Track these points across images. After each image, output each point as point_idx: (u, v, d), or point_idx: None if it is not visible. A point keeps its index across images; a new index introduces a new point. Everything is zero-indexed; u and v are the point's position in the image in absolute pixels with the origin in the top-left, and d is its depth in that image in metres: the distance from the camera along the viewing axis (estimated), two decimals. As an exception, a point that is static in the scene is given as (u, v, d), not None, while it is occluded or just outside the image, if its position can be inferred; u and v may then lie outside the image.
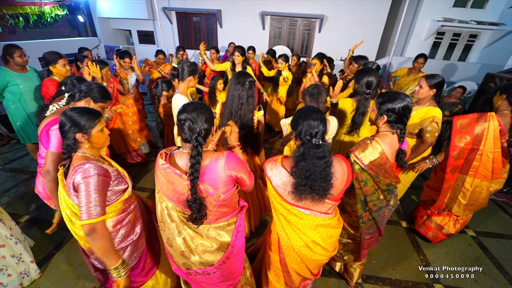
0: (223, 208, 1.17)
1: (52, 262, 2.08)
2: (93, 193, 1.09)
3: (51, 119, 1.50)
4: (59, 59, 2.49)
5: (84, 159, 1.16)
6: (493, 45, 5.73)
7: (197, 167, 1.03)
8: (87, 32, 8.33)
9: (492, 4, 5.46)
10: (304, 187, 1.12)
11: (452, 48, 6.19)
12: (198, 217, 1.08)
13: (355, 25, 6.20)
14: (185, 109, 1.08)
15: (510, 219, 2.81)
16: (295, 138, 1.23)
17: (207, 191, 1.09)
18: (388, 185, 1.44)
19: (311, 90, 1.86)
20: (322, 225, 1.26)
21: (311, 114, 1.17)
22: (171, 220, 1.17)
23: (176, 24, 7.24)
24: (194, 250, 1.19)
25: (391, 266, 2.18)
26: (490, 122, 1.86)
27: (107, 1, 7.17)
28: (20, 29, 6.81)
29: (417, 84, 2.10)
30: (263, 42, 6.89)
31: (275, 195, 1.24)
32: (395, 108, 1.35)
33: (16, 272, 1.82)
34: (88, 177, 1.09)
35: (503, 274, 2.15)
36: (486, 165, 1.92)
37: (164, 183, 1.12)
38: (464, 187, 2.05)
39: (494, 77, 3.32)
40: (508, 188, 3.18)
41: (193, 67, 2.10)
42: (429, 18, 5.73)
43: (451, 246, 2.40)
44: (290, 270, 1.39)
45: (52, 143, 1.46)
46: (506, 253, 2.36)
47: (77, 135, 1.17)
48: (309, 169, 1.10)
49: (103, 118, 1.28)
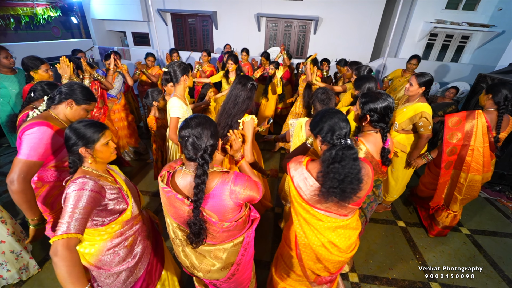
0: (227, 233, 1.10)
1: (46, 266, 2.04)
2: (79, 209, 0.96)
3: (25, 125, 1.32)
4: (41, 64, 2.28)
5: (83, 173, 1.09)
6: (485, 46, 5.85)
7: (202, 188, 0.94)
8: (80, 34, 8.25)
9: (483, 7, 5.58)
10: (335, 190, 1.04)
11: (445, 49, 6.30)
12: (196, 240, 1.01)
13: (349, 27, 6.27)
14: (188, 124, 0.99)
15: (503, 217, 2.85)
16: (321, 142, 1.16)
17: (210, 219, 1.02)
18: (376, 181, 1.51)
19: (320, 96, 1.83)
20: (341, 227, 1.22)
21: (337, 114, 1.13)
22: (175, 236, 1.15)
23: (171, 26, 7.22)
24: (198, 268, 1.16)
25: (388, 265, 2.19)
26: (478, 119, 1.99)
27: (101, 2, 7.12)
28: (11, 31, 6.71)
29: (408, 82, 2.20)
30: (259, 44, 6.91)
31: (296, 196, 1.19)
32: (377, 108, 1.39)
33: (15, 268, 1.86)
34: (80, 189, 0.99)
35: (497, 271, 2.18)
36: (478, 160, 2.03)
37: (167, 204, 1.08)
38: (459, 183, 2.15)
39: (486, 77, 3.38)
40: (501, 186, 3.24)
41: (183, 66, 2.05)
42: (422, 20, 5.82)
43: (447, 245, 2.43)
44: (306, 266, 1.36)
45: (23, 150, 1.26)
46: (499, 250, 2.39)
47: (80, 150, 1.09)
48: (344, 172, 1.03)
49: (108, 131, 1.18)
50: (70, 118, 1.46)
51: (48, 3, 6.98)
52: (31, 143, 1.27)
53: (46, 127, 1.31)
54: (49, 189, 1.45)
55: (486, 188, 3.27)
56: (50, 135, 1.32)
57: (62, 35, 8.25)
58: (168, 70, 2.03)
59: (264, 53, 4.71)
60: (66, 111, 1.44)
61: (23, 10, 6.55)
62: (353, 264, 2.17)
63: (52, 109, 1.44)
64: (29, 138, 1.28)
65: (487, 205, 3.04)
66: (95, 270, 1.18)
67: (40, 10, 6.90)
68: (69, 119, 1.46)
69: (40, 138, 1.29)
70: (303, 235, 1.26)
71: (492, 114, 2.00)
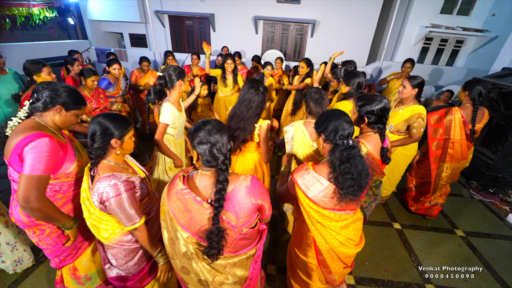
0: (244, 241, 1.09)
1: (39, 269, 2.01)
2: (127, 207, 1.13)
3: (20, 139, 1.17)
4: (43, 67, 2.23)
5: (110, 170, 1.16)
6: (479, 51, 5.94)
7: (223, 194, 0.96)
8: (77, 34, 8.22)
9: (477, 12, 5.68)
10: (353, 188, 1.07)
11: (440, 53, 6.38)
12: (215, 252, 0.97)
13: (346, 30, 6.32)
14: (205, 131, 0.99)
15: (497, 219, 2.88)
16: (324, 141, 1.22)
17: (229, 223, 1.00)
18: (375, 181, 1.56)
19: (314, 95, 1.82)
20: (352, 221, 1.27)
21: (342, 116, 1.19)
22: (186, 250, 1.06)
23: (168, 28, 7.22)
24: (211, 283, 1.11)
25: (384, 267, 2.20)
26: (455, 115, 2.25)
27: (98, 3, 7.09)
28: (7, 31, 6.66)
29: (401, 85, 2.30)
30: (256, 46, 6.94)
31: (311, 204, 1.17)
32: (374, 110, 1.43)
33: (10, 260, 1.89)
34: (118, 195, 1.11)
35: (491, 272, 2.20)
36: (458, 150, 2.32)
37: (181, 210, 1.02)
38: (444, 172, 2.42)
39: (480, 81, 3.43)
40: (495, 188, 3.28)
41: (179, 70, 1.97)
42: (418, 24, 5.90)
43: (441, 247, 2.45)
44: (333, 271, 1.36)
45: (28, 165, 1.15)
46: (493, 252, 2.42)
47: (112, 141, 1.17)
48: (357, 170, 1.07)
49: (132, 125, 1.28)
50: (60, 125, 1.35)
51: (44, 4, 6.94)
52: (34, 157, 1.16)
53: (48, 138, 1.20)
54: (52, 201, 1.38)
55: (480, 191, 3.31)
56: (53, 146, 1.22)
57: (58, 35, 8.20)
58: (163, 75, 1.96)
59: (255, 57, 4.73)
60: (55, 118, 1.31)
61: (18, 10, 6.51)
62: None
63: (38, 116, 1.29)
64: (33, 152, 1.16)
65: (481, 207, 3.08)
66: (117, 246, 1.27)
67: (36, 10, 6.86)
68: (59, 126, 1.35)
69: (43, 150, 1.18)
70: (323, 241, 1.26)
71: (468, 109, 2.25)
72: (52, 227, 1.40)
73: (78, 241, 1.52)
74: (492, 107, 3.18)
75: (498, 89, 3.12)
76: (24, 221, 1.34)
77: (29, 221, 1.34)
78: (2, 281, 1.91)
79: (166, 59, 4.22)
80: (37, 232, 1.39)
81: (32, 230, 1.39)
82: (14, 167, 1.22)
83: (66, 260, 1.52)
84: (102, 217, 1.21)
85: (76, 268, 1.58)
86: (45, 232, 1.40)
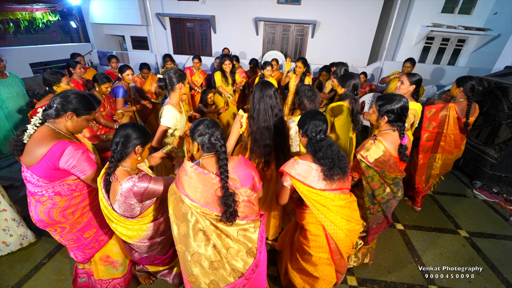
0: (248, 206, 1.26)
1: (42, 271, 2.02)
2: (161, 187, 1.33)
3: (46, 150, 1.26)
4: (62, 77, 2.31)
5: (128, 175, 1.29)
6: (481, 50, 5.90)
7: (225, 166, 1.19)
8: (79, 38, 8.29)
9: (479, 10, 5.65)
10: (333, 168, 1.30)
11: (441, 53, 6.35)
12: (232, 212, 1.15)
13: (347, 30, 6.32)
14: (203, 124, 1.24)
15: (501, 219, 2.85)
16: (302, 136, 1.44)
17: (236, 186, 1.21)
18: (394, 178, 1.60)
19: (308, 93, 1.91)
20: (349, 202, 1.43)
21: (316, 115, 1.39)
22: (199, 229, 1.19)
23: (170, 30, 7.26)
24: (226, 256, 1.21)
25: (386, 268, 2.18)
26: (450, 111, 2.36)
27: (100, 7, 7.16)
28: (11, 35, 6.74)
29: (399, 81, 2.33)
30: (257, 48, 6.95)
31: (309, 189, 1.35)
32: (394, 109, 1.51)
33: (16, 234, 2.10)
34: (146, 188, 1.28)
35: (496, 274, 2.17)
36: (450, 143, 2.45)
37: (191, 186, 1.18)
38: (436, 162, 2.56)
39: (482, 80, 3.40)
40: (498, 188, 3.24)
41: (179, 73, 1.96)
42: (419, 23, 5.88)
43: (445, 247, 2.42)
44: (344, 254, 1.48)
45: (80, 171, 1.35)
46: (498, 253, 2.39)
47: (137, 147, 1.31)
48: (331, 156, 1.31)
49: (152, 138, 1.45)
50: (72, 131, 1.41)
51: (47, 8, 7.02)
52: (76, 165, 1.32)
53: (70, 145, 1.31)
54: (68, 200, 1.44)
55: (484, 191, 3.27)
56: (78, 148, 1.33)
57: (61, 39, 8.28)
58: (163, 77, 1.94)
59: (253, 60, 4.75)
60: (67, 124, 1.37)
61: (22, 15, 6.59)
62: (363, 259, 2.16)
63: (51, 123, 1.35)
64: (73, 164, 1.31)
65: (485, 208, 3.04)
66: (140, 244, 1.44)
67: (39, 14, 6.94)
68: (71, 131, 1.42)
69: (77, 156, 1.32)
70: (331, 224, 1.39)
71: (462, 103, 2.40)
72: (71, 223, 1.49)
73: (99, 235, 1.64)
74: (495, 106, 3.15)
75: (501, 88, 3.09)
76: (45, 220, 1.41)
77: (50, 219, 1.42)
78: (5, 282, 1.92)
79: (165, 62, 4.20)
80: (58, 229, 1.48)
81: (53, 229, 1.48)
82: (38, 173, 1.30)
83: (91, 252, 1.63)
84: (126, 222, 1.34)
85: (109, 256, 1.75)
86: (65, 229, 1.49)
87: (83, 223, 1.54)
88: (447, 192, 3.30)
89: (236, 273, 1.22)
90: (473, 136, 3.44)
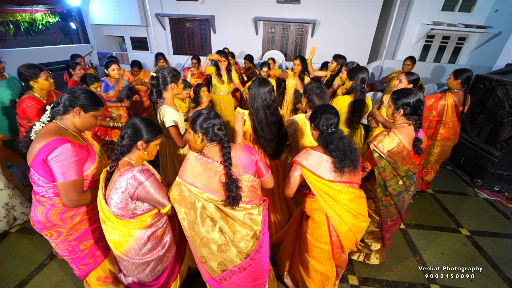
0: (251, 191, 1.32)
1: (44, 272, 2.03)
2: (155, 193, 1.24)
3: (42, 144, 1.21)
4: (40, 72, 2.08)
5: (129, 165, 1.24)
6: (481, 48, 5.87)
7: (229, 154, 1.23)
8: (79, 39, 8.29)
9: (479, 8, 5.62)
10: (344, 161, 1.33)
11: (442, 51, 6.32)
12: (234, 197, 1.21)
13: (347, 29, 6.30)
14: (204, 116, 1.27)
15: (502, 218, 2.84)
16: (313, 129, 1.48)
17: (239, 173, 1.26)
18: (407, 171, 1.63)
19: (316, 90, 1.95)
20: (357, 197, 1.46)
21: (328, 109, 1.43)
22: (206, 215, 1.26)
23: (169, 30, 7.26)
24: (232, 240, 1.28)
25: (388, 267, 2.18)
26: (448, 100, 2.58)
27: (100, 8, 7.16)
28: (11, 37, 6.74)
29: (397, 79, 2.38)
30: (257, 47, 6.94)
31: (319, 180, 1.40)
32: (410, 102, 1.55)
33: (19, 209, 2.39)
34: (140, 184, 1.20)
35: (498, 272, 2.16)
36: (449, 130, 2.68)
37: (197, 175, 1.23)
38: (434, 149, 2.79)
39: (483, 78, 3.39)
40: (500, 186, 3.23)
41: (173, 73, 1.91)
42: (419, 21, 5.86)
43: (447, 246, 2.41)
44: (346, 249, 1.52)
45: (59, 173, 1.22)
46: (500, 251, 2.38)
47: (139, 142, 1.27)
48: (342, 148, 1.33)
49: (161, 134, 1.39)
50: (80, 127, 1.39)
51: (47, 9, 7.02)
52: (62, 165, 1.22)
53: (69, 143, 1.24)
54: None
55: (485, 189, 3.26)
56: (75, 150, 1.26)
57: (61, 40, 8.29)
58: (157, 75, 1.90)
59: (248, 56, 4.77)
60: (74, 120, 1.35)
61: (22, 16, 6.60)
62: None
63: (59, 120, 1.34)
64: (59, 160, 1.21)
65: (486, 206, 3.03)
66: (126, 259, 1.32)
67: (39, 16, 6.94)
68: (79, 128, 1.39)
69: (68, 156, 1.23)
70: (336, 216, 1.43)
71: (459, 93, 2.59)
72: (68, 229, 1.43)
73: (95, 249, 1.55)
74: (496, 104, 3.14)
75: (502, 85, 3.08)
76: (42, 221, 1.37)
77: (46, 221, 1.37)
78: (7, 284, 1.93)
79: (158, 61, 4.16)
80: (54, 234, 1.41)
81: (49, 233, 1.41)
82: (37, 170, 1.27)
83: (86, 269, 1.54)
84: (115, 222, 1.26)
85: (107, 277, 1.66)
86: (61, 234, 1.42)
87: (81, 230, 1.47)
88: (448, 191, 3.29)
89: (242, 255, 1.29)
90: (474, 134, 3.43)
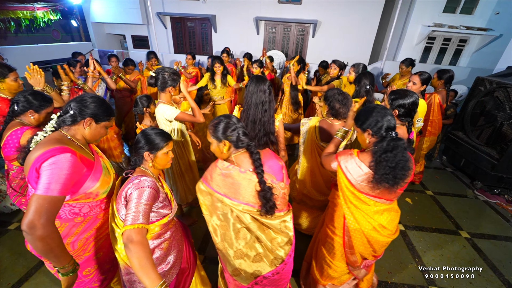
0: (283, 198, 1.28)
1: (43, 270, 2.02)
2: (143, 203, 1.08)
3: (40, 152, 1.04)
4: (9, 72, 1.89)
5: (141, 173, 1.21)
6: (482, 50, 5.88)
7: (259, 161, 1.16)
8: (80, 37, 8.28)
9: (480, 10, 5.62)
10: (388, 177, 1.17)
11: (443, 53, 6.33)
12: (272, 205, 1.16)
13: (348, 30, 6.30)
14: (230, 121, 1.19)
15: (502, 220, 2.84)
16: (371, 135, 1.28)
17: (272, 181, 1.20)
18: None
19: (338, 97, 1.85)
20: (387, 210, 1.37)
21: (386, 110, 1.26)
22: (241, 226, 1.23)
23: (170, 29, 7.26)
24: (270, 248, 1.26)
25: (387, 269, 2.17)
26: (434, 100, 2.83)
27: (101, 6, 7.16)
28: (12, 34, 6.74)
29: (410, 81, 2.42)
30: (258, 47, 6.94)
31: (348, 186, 1.32)
32: (405, 103, 1.58)
33: None
34: (142, 187, 1.11)
35: (497, 275, 2.16)
36: (435, 126, 2.96)
37: (228, 186, 1.18)
38: (424, 144, 3.07)
39: (484, 80, 3.39)
40: (500, 189, 3.23)
41: (173, 77, 1.90)
42: (420, 23, 5.86)
43: (446, 248, 2.41)
44: (356, 251, 1.48)
45: (43, 183, 0.99)
46: (499, 254, 2.38)
47: (145, 154, 1.24)
48: (396, 160, 1.16)
49: (171, 142, 1.33)
50: (89, 139, 1.24)
51: (48, 7, 7.02)
52: (52, 175, 1.01)
53: (70, 153, 1.06)
54: (69, 228, 1.20)
55: (485, 191, 3.26)
56: (74, 164, 1.07)
57: (62, 38, 8.28)
58: (156, 76, 1.88)
59: (246, 54, 4.77)
60: (84, 132, 1.20)
61: (23, 14, 6.59)
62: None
63: (66, 130, 1.18)
64: (51, 169, 1.01)
65: (486, 209, 3.03)
66: (132, 271, 1.23)
67: (40, 13, 6.93)
68: (88, 140, 1.25)
69: (63, 167, 1.03)
70: (354, 221, 1.39)
71: (442, 92, 2.86)
72: None
73: (100, 273, 1.41)
74: (497, 107, 3.14)
75: (503, 88, 3.08)
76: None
77: None
78: (6, 281, 1.92)
79: (150, 59, 4.06)
80: None
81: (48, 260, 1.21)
82: (32, 184, 1.06)
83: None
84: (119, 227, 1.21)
85: None
86: None
87: (83, 258, 1.28)
88: (448, 193, 3.29)
89: (277, 260, 1.29)
90: (474, 137, 3.43)
